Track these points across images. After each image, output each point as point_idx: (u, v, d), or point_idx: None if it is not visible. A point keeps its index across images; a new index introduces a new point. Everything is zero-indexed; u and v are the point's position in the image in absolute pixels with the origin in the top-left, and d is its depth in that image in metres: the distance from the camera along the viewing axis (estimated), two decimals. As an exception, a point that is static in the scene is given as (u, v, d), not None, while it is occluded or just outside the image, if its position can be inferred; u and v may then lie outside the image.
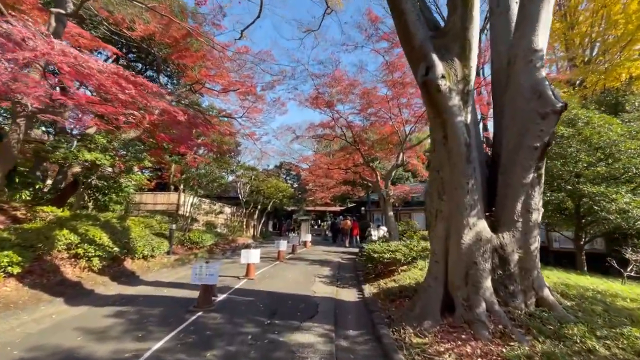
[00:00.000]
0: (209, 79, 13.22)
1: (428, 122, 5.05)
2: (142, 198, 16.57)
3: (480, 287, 4.25)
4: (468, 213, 4.46)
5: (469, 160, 4.53)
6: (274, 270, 9.55)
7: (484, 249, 4.40)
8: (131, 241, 8.89)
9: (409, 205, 22.56)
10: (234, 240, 16.20)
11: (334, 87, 11.68)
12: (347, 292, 7.16)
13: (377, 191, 11.99)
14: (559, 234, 14.72)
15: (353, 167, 14.63)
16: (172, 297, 6.16)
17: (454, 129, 4.51)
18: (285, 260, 11.55)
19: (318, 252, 15.04)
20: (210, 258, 12.02)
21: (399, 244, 8.50)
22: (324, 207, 32.20)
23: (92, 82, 5.52)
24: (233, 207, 20.83)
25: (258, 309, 5.52)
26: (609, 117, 9.01)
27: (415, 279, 6.70)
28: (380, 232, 14.24)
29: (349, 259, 12.80)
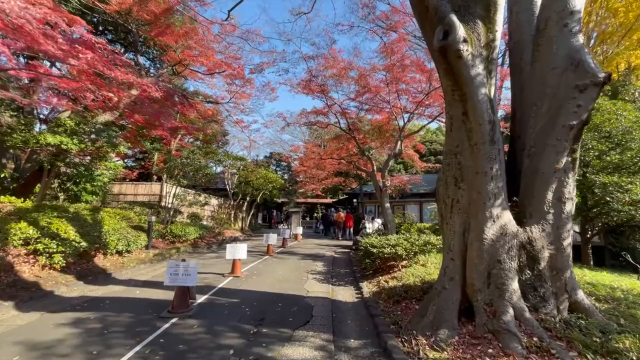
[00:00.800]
0: (192, 60, 12.19)
1: (444, 97, 4.31)
2: (121, 188, 15.51)
3: (505, 290, 3.61)
4: (491, 203, 3.79)
5: (493, 140, 3.84)
6: (263, 266, 8.82)
7: (510, 245, 3.76)
8: (103, 235, 8.00)
9: (402, 197, 22.08)
10: (220, 233, 15.36)
11: (328, 69, 10.85)
12: (343, 291, 6.48)
13: (373, 182, 11.32)
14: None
15: (347, 157, 13.90)
16: (145, 300, 5.36)
17: (477, 104, 3.80)
18: (275, 255, 10.82)
19: (310, 245, 14.37)
20: (195, 252, 11.20)
21: (399, 237, 7.87)
22: (315, 200, 31.52)
23: (26, 38, 4.51)
24: (220, 199, 19.91)
25: (243, 313, 4.78)
26: (622, 103, 8.49)
27: (419, 277, 6.07)
28: (375, 225, 13.63)
29: (342, 252, 12.16)
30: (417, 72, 11.08)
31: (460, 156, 4.06)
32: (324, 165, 17.65)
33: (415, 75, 11.23)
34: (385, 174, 10.76)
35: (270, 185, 19.47)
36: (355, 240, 12.81)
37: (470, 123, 3.90)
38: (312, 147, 16.51)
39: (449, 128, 4.23)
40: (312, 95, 13.04)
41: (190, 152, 13.15)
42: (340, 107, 12.27)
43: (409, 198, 20.07)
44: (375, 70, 10.51)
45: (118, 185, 15.62)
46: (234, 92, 14.30)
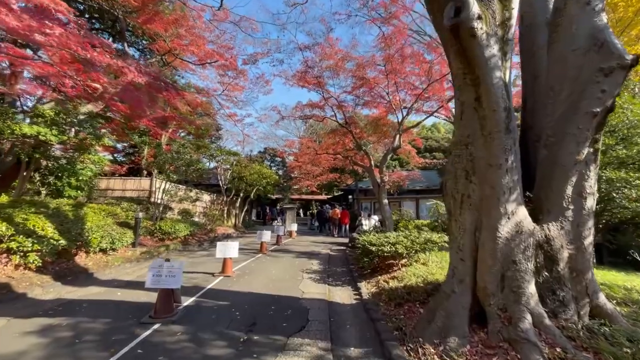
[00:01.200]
0: (182, 49, 11.64)
1: (454, 82, 3.94)
2: (109, 183, 14.94)
3: (522, 294, 3.27)
4: (506, 198, 3.44)
5: (508, 129, 3.49)
6: (256, 265, 8.42)
7: (526, 245, 3.41)
8: (86, 232, 7.53)
9: (398, 194, 21.82)
10: (212, 230, 14.92)
11: (324, 59, 10.41)
12: (341, 291, 6.12)
13: (371, 177, 10.96)
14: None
15: (343, 151, 13.51)
16: (126, 303, 4.93)
17: (491, 89, 3.43)
18: (268, 253, 10.43)
19: (304, 242, 14.00)
20: (185, 250, 10.76)
21: (398, 235, 7.52)
22: (310, 196, 31.13)
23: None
24: (213, 195, 19.41)
25: (233, 318, 4.39)
26: (629, 96, 8.21)
27: (422, 277, 5.73)
28: (371, 222, 13.30)
29: (338, 250, 11.81)
30: (417, 64, 10.71)
31: (471, 147, 3.69)
32: (319, 160, 17.23)
33: (415, 68, 10.87)
34: (383, 169, 10.41)
35: (264, 180, 19.03)
36: (351, 237, 12.47)
37: (484, 110, 3.54)
38: (307, 142, 16.08)
39: (459, 116, 3.86)
40: (307, 88, 12.59)
41: (181, 145, 12.64)
42: (336, 100, 11.85)
43: (405, 194, 19.80)
44: (374, 60, 10.08)
45: (105, 180, 15.05)
46: (227, 84, 13.78)
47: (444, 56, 10.96)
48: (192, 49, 11.57)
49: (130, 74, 5.79)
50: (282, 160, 32.45)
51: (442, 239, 6.86)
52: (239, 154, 20.29)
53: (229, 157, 19.52)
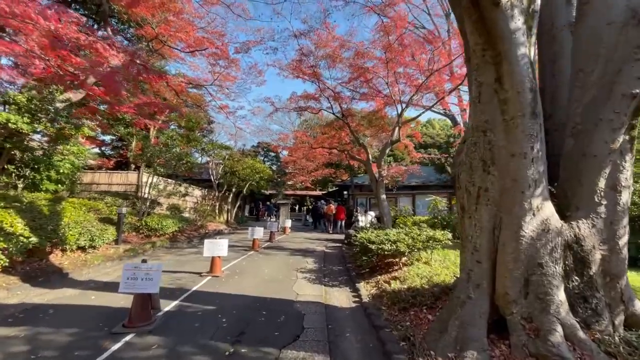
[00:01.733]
0: (171, 36, 10.97)
1: (470, 60, 3.48)
2: (94, 177, 14.24)
3: (550, 302, 2.85)
4: (531, 192, 3.02)
5: (534, 113, 3.05)
6: (247, 264, 7.94)
7: (553, 245, 2.99)
8: (62, 228, 6.95)
9: (394, 190, 21.47)
10: (203, 226, 14.37)
11: (320, 47, 9.88)
12: (338, 293, 5.68)
13: (369, 172, 10.51)
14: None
15: (339, 145, 13.04)
16: (100, 308, 4.42)
17: (515, 67, 2.99)
18: (261, 250, 9.94)
19: (299, 239, 13.54)
20: (172, 247, 10.22)
21: (399, 232, 7.10)
22: (305, 192, 30.66)
23: None
24: (204, 190, 18.80)
25: (219, 325, 3.91)
26: None
27: (426, 277, 5.31)
28: (368, 218, 12.89)
29: (334, 247, 11.38)
30: (417, 53, 10.25)
31: (490, 134, 3.25)
32: (314, 155, 16.75)
33: (414, 59, 10.41)
34: (381, 163, 9.97)
35: (258, 175, 18.48)
36: (347, 234, 12.04)
37: (506, 92, 3.09)
38: (301, 135, 15.57)
39: (476, 99, 3.41)
40: (302, 78, 12.06)
41: (169, 137, 12.02)
42: (333, 92, 11.34)
43: (401, 190, 19.44)
44: (373, 47, 9.57)
45: (90, 174, 14.34)
46: (218, 74, 13.13)
47: (445, 45, 10.58)
48: (180, 36, 10.91)
49: (104, 52, 5.21)
50: (276, 155, 31.87)
51: (446, 237, 6.45)
52: (231, 148, 19.69)
53: (221, 151, 18.90)
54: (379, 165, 9.96)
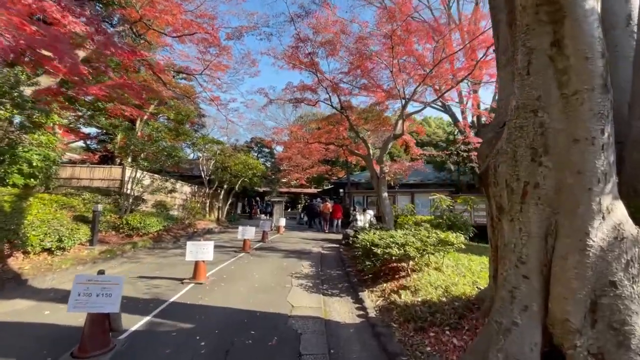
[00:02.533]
0: (156, 18, 10.08)
1: (517, 20, 2.76)
2: (74, 172, 13.32)
3: (629, 334, 2.15)
4: (601, 189, 2.32)
5: (605, 87, 2.35)
6: (236, 267, 7.17)
7: (629, 257, 2.30)
8: (23, 227, 6.11)
9: (391, 188, 20.84)
10: (192, 224, 13.54)
11: (319, 32, 9.10)
12: (339, 304, 4.95)
13: (369, 168, 9.79)
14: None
15: (337, 140, 12.29)
16: (51, 328, 3.63)
17: (583, 24, 2.28)
18: (252, 252, 9.17)
19: (293, 239, 12.80)
20: (156, 248, 9.40)
21: (406, 234, 6.41)
22: (299, 189, 29.90)
23: None
24: (194, 187, 17.93)
25: (196, 352, 3.16)
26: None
27: (441, 287, 4.61)
28: (367, 217, 12.19)
29: (331, 248, 10.67)
30: (421, 42, 9.54)
31: (543, 114, 2.53)
32: (309, 151, 15.98)
33: (420, 46, 9.71)
34: (383, 158, 9.25)
35: (250, 172, 17.65)
36: (345, 234, 11.34)
37: (567, 59, 2.38)
38: (297, 130, 14.82)
39: (523, 71, 2.68)
40: (298, 68, 11.28)
41: (154, 129, 11.15)
42: (331, 82, 10.57)
43: (399, 189, 18.80)
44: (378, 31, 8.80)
45: (70, 168, 13.42)
46: (209, 62, 12.29)
47: (452, 33, 9.89)
48: (167, 18, 10.03)
49: (62, 19, 4.38)
50: (270, 151, 31.03)
51: (460, 240, 5.76)
52: (223, 143, 18.83)
53: (212, 146, 18.03)
54: (380, 161, 9.24)
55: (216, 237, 12.68)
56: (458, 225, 9.17)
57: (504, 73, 3.74)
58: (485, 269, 5.59)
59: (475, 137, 11.56)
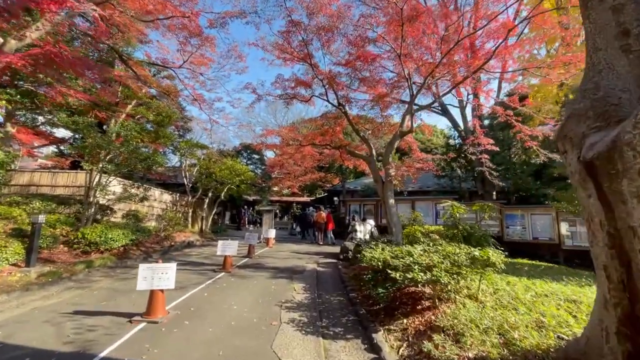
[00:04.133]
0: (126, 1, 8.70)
1: None
2: (32, 178, 11.66)
3: None
4: None
5: None
6: (210, 294, 5.66)
7: None
8: None
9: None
10: (169, 237, 11.93)
11: (315, 13, 7.83)
12: (347, 355, 3.51)
13: (372, 171, 8.45)
14: (573, 228, 12.54)
15: (333, 142, 10.95)
16: None
17: None
18: (234, 271, 7.66)
19: (284, 253, 11.29)
20: (117, 267, 7.81)
21: (427, 249, 5.04)
22: (291, 198, 28.44)
23: None
24: (175, 195, 16.33)
25: None
26: None
27: (496, 331, 3.21)
28: (367, 227, 10.81)
29: (327, 264, 9.21)
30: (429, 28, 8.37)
31: None
32: (302, 156, 14.60)
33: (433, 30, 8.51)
34: (388, 159, 7.93)
35: (237, 178, 16.15)
36: (343, 247, 9.92)
37: None
38: (288, 132, 13.48)
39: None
40: (290, 61, 10.01)
41: (122, 127, 9.65)
42: (328, 76, 9.27)
43: (397, 196, 17.51)
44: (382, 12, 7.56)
45: (29, 174, 11.77)
46: (190, 54, 10.93)
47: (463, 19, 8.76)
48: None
49: None
50: (260, 157, 29.56)
51: (500, 258, 4.39)
52: (208, 147, 17.32)
53: (196, 151, 16.51)
54: (385, 163, 7.92)
55: (196, 251, 11.11)
56: (476, 237, 7.84)
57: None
58: (539, 298, 4.24)
59: (486, 139, 10.36)
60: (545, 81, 8.35)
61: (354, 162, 12.71)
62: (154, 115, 15.18)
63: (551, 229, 12.82)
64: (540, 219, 13.15)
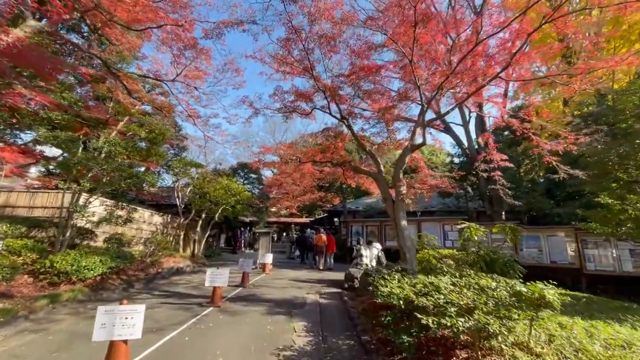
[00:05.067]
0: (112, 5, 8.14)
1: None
2: (9, 199, 10.73)
3: None
4: None
5: None
6: (193, 339, 4.64)
7: None
8: None
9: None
10: (156, 262, 10.85)
11: (317, 20, 7.25)
12: None
13: (381, 188, 7.59)
14: (596, 251, 11.65)
15: (334, 158, 10.17)
16: None
17: None
18: (224, 305, 6.62)
19: (282, 281, 10.22)
20: (91, 300, 6.77)
21: (458, 281, 4.12)
22: (290, 219, 27.42)
23: None
24: (167, 217, 15.34)
25: None
26: None
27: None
28: (374, 252, 9.84)
29: (331, 295, 8.17)
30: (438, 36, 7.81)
31: None
32: (301, 174, 13.84)
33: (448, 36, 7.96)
34: (399, 174, 7.09)
35: (233, 198, 15.23)
36: (348, 274, 8.91)
37: None
38: (287, 149, 12.75)
39: None
40: (291, 74, 9.43)
41: (107, 142, 8.86)
42: (330, 89, 8.60)
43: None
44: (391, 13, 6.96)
45: (5, 195, 10.85)
46: (184, 66, 10.34)
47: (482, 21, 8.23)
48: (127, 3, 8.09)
49: None
50: (258, 177, 28.73)
51: (556, 296, 3.47)
52: (203, 166, 16.50)
53: (190, 169, 15.69)
54: (396, 179, 7.08)
55: (185, 279, 10.04)
56: (500, 264, 6.92)
57: None
58: (614, 351, 3.29)
59: (500, 154, 9.64)
60: (567, 90, 7.70)
61: (357, 180, 11.89)
62: (146, 132, 14.47)
63: (571, 251, 11.91)
64: (558, 240, 12.26)
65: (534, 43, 9.63)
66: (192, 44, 9.96)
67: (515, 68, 7.78)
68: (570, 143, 8.08)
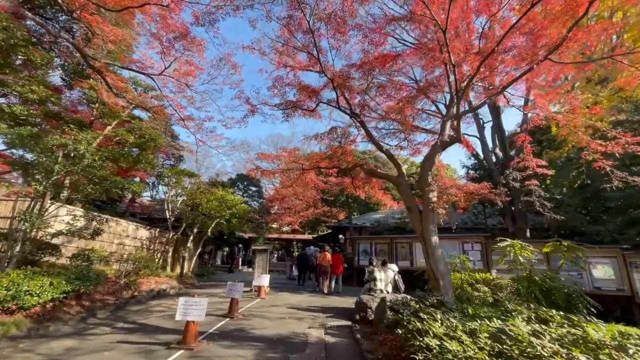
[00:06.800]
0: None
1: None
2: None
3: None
4: None
5: None
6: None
7: None
8: None
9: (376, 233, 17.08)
10: (132, 283, 9.21)
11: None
12: None
13: (404, 196, 6.02)
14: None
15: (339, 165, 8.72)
16: None
17: None
18: (199, 346, 5.00)
19: (279, 308, 8.55)
20: (32, 335, 5.18)
21: (550, 333, 2.54)
22: (292, 235, 25.75)
23: None
24: (154, 230, 13.80)
25: None
26: None
27: None
28: (389, 274, 8.21)
29: (339, 329, 6.50)
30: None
31: None
32: (304, 183, 12.40)
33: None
34: (427, 177, 5.59)
35: (228, 211, 13.72)
36: (360, 302, 7.25)
37: None
38: (288, 154, 11.36)
39: None
40: (293, 69, 8.20)
41: (77, 141, 7.49)
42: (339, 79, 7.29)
43: (408, 234, 14.87)
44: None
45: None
46: (173, 58, 9.13)
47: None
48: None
49: None
50: (259, 190, 27.29)
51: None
52: (197, 176, 15.10)
53: (183, 179, 14.30)
54: (424, 185, 5.57)
55: (164, 305, 8.43)
56: (563, 295, 5.29)
57: None
58: None
59: (537, 159, 8.14)
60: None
61: (368, 190, 10.36)
62: (135, 138, 13.18)
63: (619, 277, 10.16)
64: (602, 264, 10.52)
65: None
66: (183, 33, 8.78)
67: (564, 52, 6.41)
68: (633, 143, 6.59)
